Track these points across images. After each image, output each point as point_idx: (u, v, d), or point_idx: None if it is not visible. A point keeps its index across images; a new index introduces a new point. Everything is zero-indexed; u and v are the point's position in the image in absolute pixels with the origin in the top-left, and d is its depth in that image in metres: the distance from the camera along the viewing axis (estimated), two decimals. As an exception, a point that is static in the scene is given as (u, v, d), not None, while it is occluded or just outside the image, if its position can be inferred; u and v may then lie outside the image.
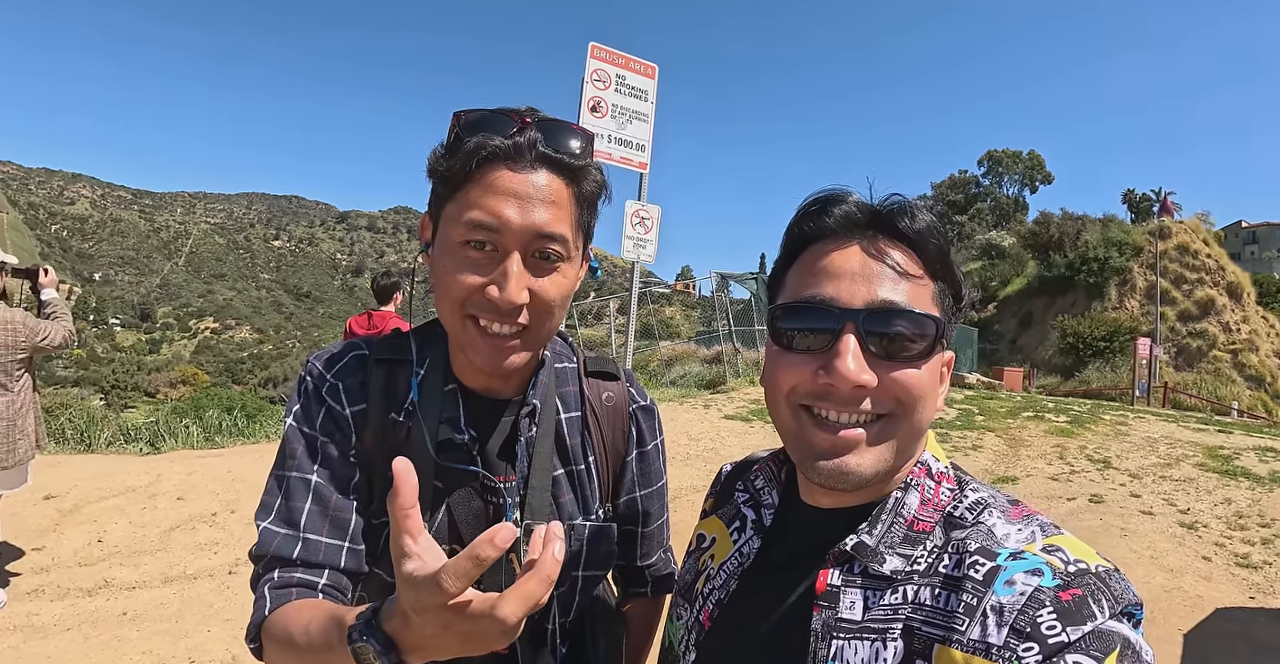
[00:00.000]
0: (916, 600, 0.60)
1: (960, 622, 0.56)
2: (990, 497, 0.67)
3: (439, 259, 0.82)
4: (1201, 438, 9.29)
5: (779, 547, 0.75)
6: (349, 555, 0.84)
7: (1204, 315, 27.38)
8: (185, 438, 7.79)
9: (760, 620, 0.70)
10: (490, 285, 0.78)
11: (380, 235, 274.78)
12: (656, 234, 6.49)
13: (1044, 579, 0.55)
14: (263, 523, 0.84)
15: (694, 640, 0.76)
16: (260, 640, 0.79)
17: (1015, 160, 52.00)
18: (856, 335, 0.62)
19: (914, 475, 0.68)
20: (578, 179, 0.83)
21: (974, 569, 0.59)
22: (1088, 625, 0.52)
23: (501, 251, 0.79)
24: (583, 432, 0.99)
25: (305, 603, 0.79)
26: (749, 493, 0.83)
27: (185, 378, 58.83)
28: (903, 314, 0.63)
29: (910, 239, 0.65)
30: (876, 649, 0.60)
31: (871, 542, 0.64)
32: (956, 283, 0.68)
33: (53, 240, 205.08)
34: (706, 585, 0.79)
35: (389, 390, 0.90)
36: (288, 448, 0.87)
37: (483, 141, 0.77)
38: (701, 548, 0.86)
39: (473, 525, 0.89)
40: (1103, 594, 0.54)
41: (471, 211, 0.78)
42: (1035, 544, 0.60)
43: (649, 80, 6.45)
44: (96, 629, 3.36)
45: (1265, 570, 4.80)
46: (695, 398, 11.68)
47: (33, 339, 3.51)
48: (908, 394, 0.63)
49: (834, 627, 0.62)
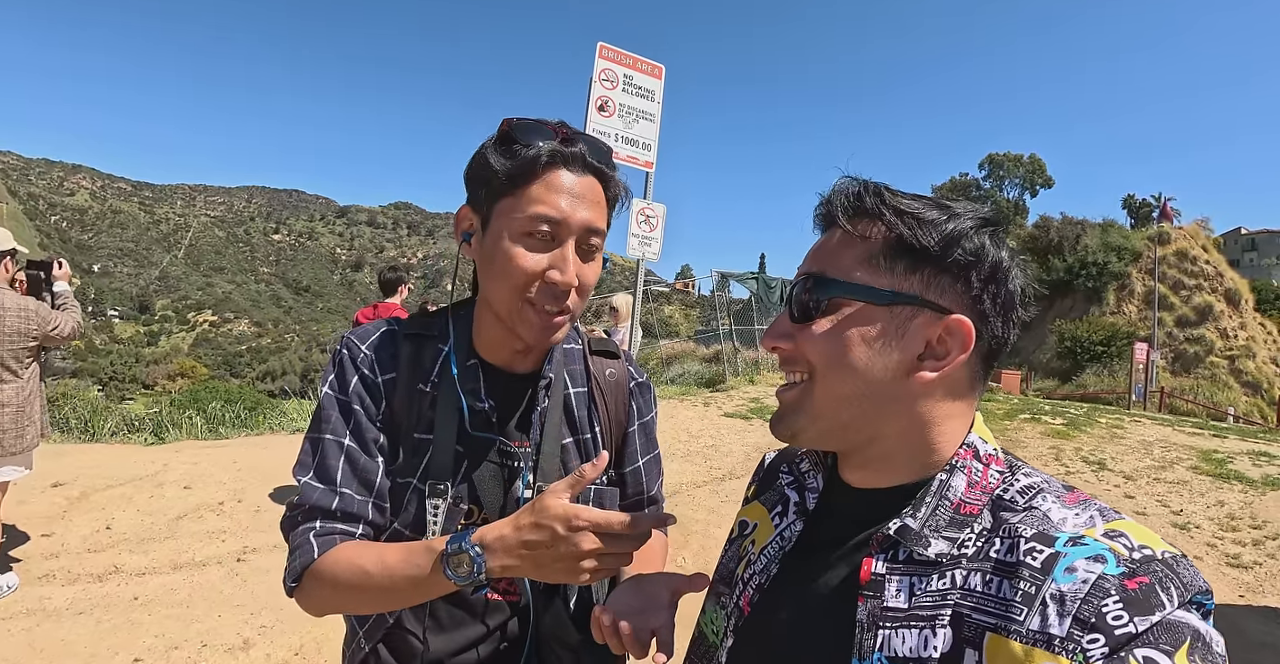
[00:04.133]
0: (966, 586, 0.58)
1: (1017, 611, 0.53)
2: (1044, 481, 0.65)
3: (495, 247, 0.92)
4: (1196, 442, 9.36)
5: (821, 530, 0.74)
6: (375, 510, 0.95)
7: (1202, 321, 27.45)
8: (189, 429, 7.85)
9: (801, 606, 0.69)
10: (551, 270, 0.90)
11: (380, 230, 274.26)
12: (661, 232, 6.55)
13: (1108, 566, 0.52)
14: (303, 479, 0.94)
15: (733, 626, 0.75)
16: (302, 581, 0.89)
17: (1016, 164, 52.00)
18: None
19: (959, 457, 0.66)
20: (610, 185, 0.98)
21: (1030, 555, 0.56)
22: (1156, 615, 0.49)
23: (559, 241, 0.91)
24: (589, 405, 1.10)
25: (364, 543, 0.90)
26: (794, 476, 0.83)
27: (183, 370, 58.84)
28: (810, 279, 0.69)
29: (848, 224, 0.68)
30: (925, 637, 0.58)
31: (915, 525, 0.63)
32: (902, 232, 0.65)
33: (52, 231, 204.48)
34: (747, 571, 0.78)
35: (416, 362, 1.00)
36: (323, 414, 0.96)
37: (553, 147, 0.91)
38: (744, 534, 0.85)
39: (490, 487, 0.98)
40: (1171, 582, 0.51)
41: (537, 206, 0.89)
42: (1096, 529, 0.57)
43: (656, 81, 6.51)
44: (109, 613, 3.42)
45: (1256, 570, 4.87)
46: (695, 396, 11.74)
47: (44, 328, 3.56)
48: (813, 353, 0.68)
49: (880, 616, 0.61)
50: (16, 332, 3.46)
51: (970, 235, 0.64)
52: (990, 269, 0.65)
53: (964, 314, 0.64)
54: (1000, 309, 0.66)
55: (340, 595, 0.87)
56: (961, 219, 0.64)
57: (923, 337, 0.64)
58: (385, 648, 0.97)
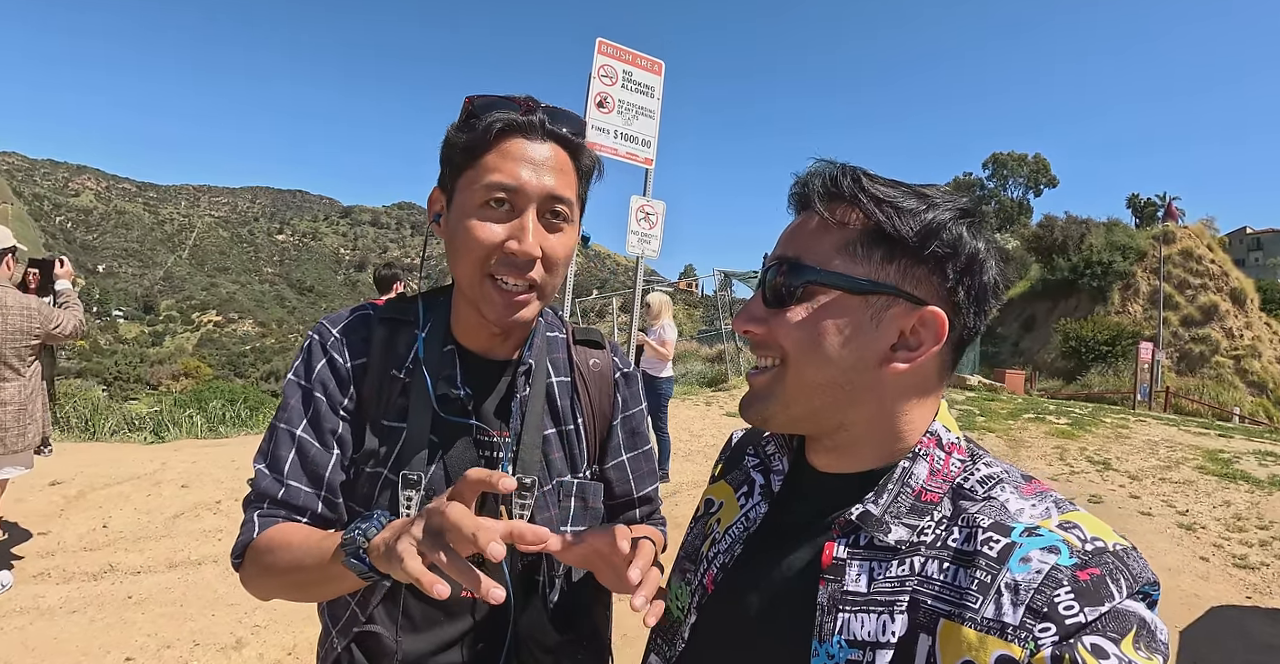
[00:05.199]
0: (924, 573, 0.60)
1: (973, 599, 0.55)
2: (1004, 471, 0.66)
3: (457, 222, 0.90)
4: (1202, 442, 9.31)
5: (786, 513, 0.75)
6: (324, 504, 0.92)
7: (1207, 321, 27.31)
8: (189, 428, 7.85)
9: (764, 587, 0.70)
10: (510, 240, 0.87)
11: (384, 230, 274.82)
12: (661, 229, 6.51)
13: (1061, 557, 0.54)
14: (257, 465, 0.93)
15: (696, 603, 0.76)
16: (244, 559, 0.89)
17: (1020, 163, 51.87)
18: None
19: (923, 445, 0.67)
20: (578, 154, 0.94)
21: (987, 545, 0.57)
22: (1105, 605, 0.51)
23: (517, 210, 0.88)
24: (572, 395, 1.06)
25: (300, 526, 0.89)
26: (759, 458, 0.83)
27: (188, 370, 58.96)
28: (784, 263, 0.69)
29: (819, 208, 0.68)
30: (884, 622, 0.59)
31: (877, 511, 0.64)
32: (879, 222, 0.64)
33: (57, 232, 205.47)
34: (711, 549, 0.79)
35: (390, 346, 0.97)
36: (284, 401, 0.95)
37: (502, 116, 0.88)
38: (709, 512, 0.86)
39: None
40: (1121, 573, 0.53)
41: (492, 175, 0.87)
42: (1051, 520, 0.58)
43: (656, 77, 6.47)
44: (102, 612, 3.40)
45: (1262, 571, 4.82)
46: (697, 395, 11.73)
47: (46, 326, 3.56)
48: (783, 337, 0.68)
49: (840, 600, 0.62)
50: (19, 330, 3.46)
51: (949, 226, 0.64)
52: (966, 261, 0.65)
53: (938, 305, 0.64)
54: (974, 301, 0.66)
55: (272, 576, 0.86)
56: (940, 209, 0.64)
57: (896, 327, 0.65)
58: (358, 647, 0.94)
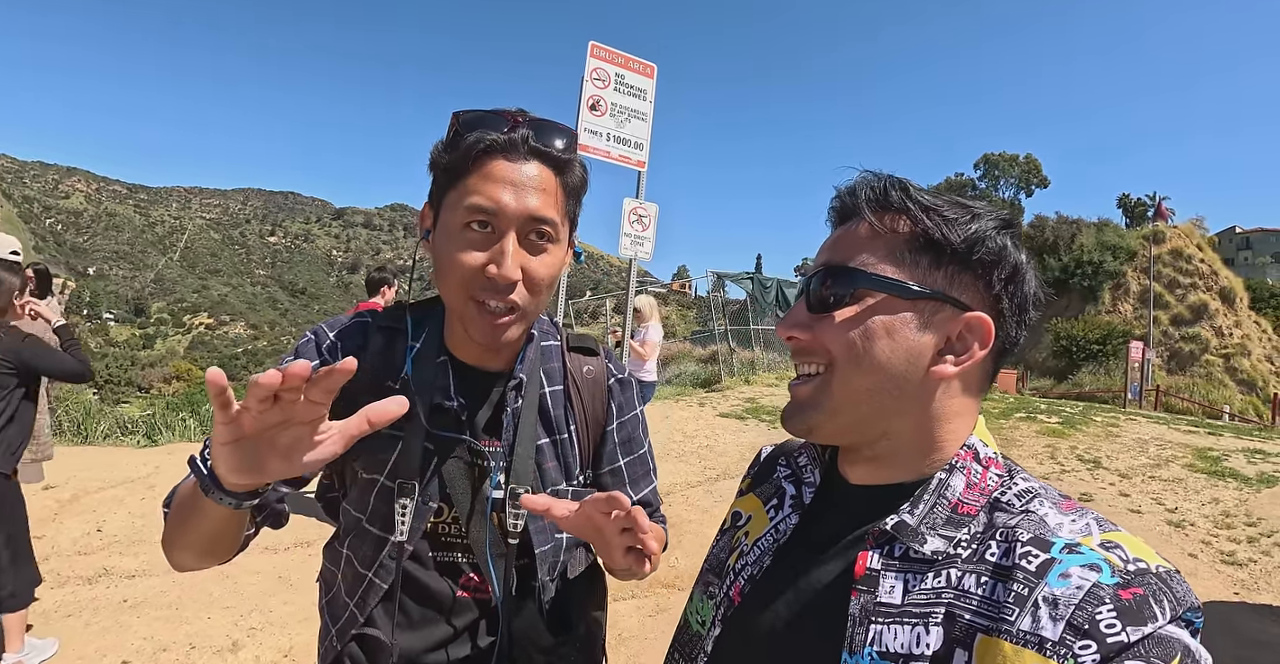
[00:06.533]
0: (960, 586, 0.58)
1: (1010, 612, 0.54)
2: (1041, 487, 0.65)
3: (442, 243, 0.90)
4: (1191, 440, 9.39)
5: (817, 524, 0.74)
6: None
7: (1197, 320, 27.55)
8: (182, 431, 7.81)
9: (793, 598, 0.69)
10: (490, 263, 0.86)
11: (376, 232, 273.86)
12: (654, 231, 6.54)
13: (1103, 575, 0.52)
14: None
15: (722, 615, 0.75)
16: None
17: (1011, 164, 52.07)
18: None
19: (960, 458, 0.67)
20: (564, 171, 0.92)
21: (1026, 559, 0.56)
22: (1148, 627, 0.50)
23: (498, 233, 0.87)
24: (565, 403, 1.05)
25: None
26: (791, 469, 0.83)
27: (179, 373, 58.54)
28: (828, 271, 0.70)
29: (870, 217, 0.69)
30: (918, 634, 0.58)
31: (913, 521, 0.63)
32: (925, 228, 0.66)
33: (47, 234, 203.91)
34: (739, 561, 0.78)
35: (386, 355, 0.97)
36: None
37: (482, 136, 0.87)
38: (736, 525, 0.85)
39: (460, 485, 0.96)
40: (1165, 595, 0.52)
41: (472, 197, 0.86)
42: (1092, 538, 0.57)
43: (648, 79, 6.50)
44: (97, 616, 3.39)
45: (1250, 567, 4.88)
46: (690, 396, 11.74)
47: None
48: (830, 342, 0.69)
49: (873, 611, 0.61)
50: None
51: (993, 235, 0.66)
52: (1011, 270, 0.66)
53: (984, 312, 0.65)
54: (1016, 309, 0.68)
55: (169, 529, 0.86)
56: (984, 219, 0.66)
57: (944, 332, 0.66)
58: (357, 645, 0.96)
